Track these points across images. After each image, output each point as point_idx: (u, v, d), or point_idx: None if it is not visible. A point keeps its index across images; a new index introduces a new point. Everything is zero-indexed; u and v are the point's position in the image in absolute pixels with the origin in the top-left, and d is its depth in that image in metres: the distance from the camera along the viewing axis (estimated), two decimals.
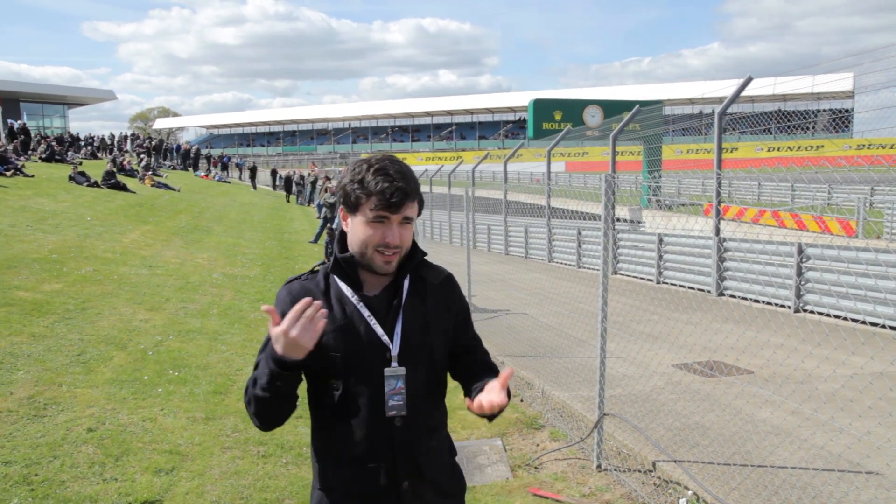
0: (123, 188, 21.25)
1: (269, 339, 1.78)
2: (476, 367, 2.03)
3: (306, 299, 1.68)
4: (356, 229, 1.85)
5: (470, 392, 1.94)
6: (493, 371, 2.02)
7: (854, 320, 8.15)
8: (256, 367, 1.84)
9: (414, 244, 1.94)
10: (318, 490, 1.94)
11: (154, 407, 5.53)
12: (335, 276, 1.91)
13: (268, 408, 1.80)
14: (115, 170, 22.79)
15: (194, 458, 4.67)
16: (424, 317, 1.93)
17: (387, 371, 1.85)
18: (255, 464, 4.68)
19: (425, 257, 1.99)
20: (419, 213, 1.94)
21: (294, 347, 1.67)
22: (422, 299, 1.94)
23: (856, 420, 5.04)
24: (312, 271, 1.95)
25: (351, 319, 1.85)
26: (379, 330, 1.86)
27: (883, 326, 7.63)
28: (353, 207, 1.84)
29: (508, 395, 1.80)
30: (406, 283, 1.94)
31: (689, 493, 4.17)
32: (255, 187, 37.07)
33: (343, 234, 1.92)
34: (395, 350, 1.86)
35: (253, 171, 38.36)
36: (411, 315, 1.91)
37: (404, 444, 1.87)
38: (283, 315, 1.75)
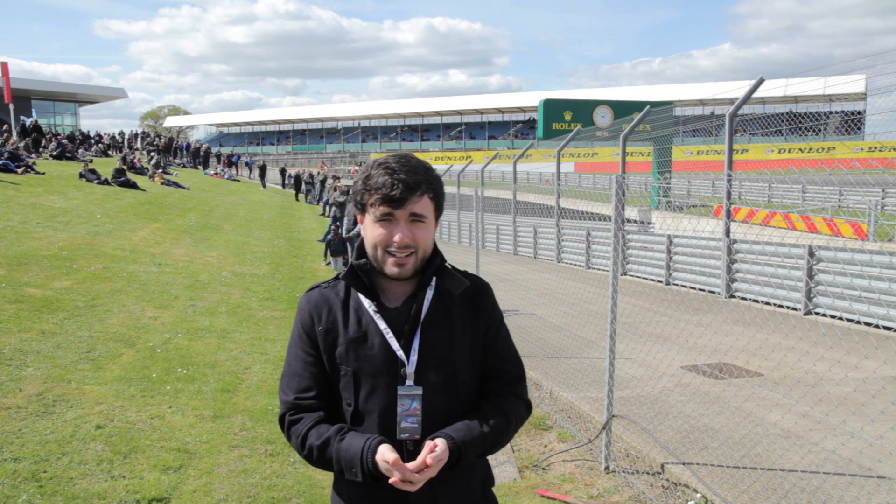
0: (133, 186, 21.35)
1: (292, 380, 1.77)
2: (485, 403, 1.82)
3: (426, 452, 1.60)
4: (366, 231, 1.74)
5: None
6: (502, 416, 1.79)
7: (867, 324, 8.07)
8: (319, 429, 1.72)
9: (435, 249, 1.79)
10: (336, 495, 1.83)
11: (162, 405, 5.55)
12: (352, 287, 1.79)
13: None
14: (125, 167, 22.91)
15: (202, 456, 4.68)
16: (449, 331, 1.75)
17: (400, 390, 1.70)
18: (262, 462, 4.68)
19: (446, 264, 1.81)
20: (438, 212, 1.78)
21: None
22: (448, 312, 1.77)
23: (867, 424, 5.00)
24: (336, 278, 1.83)
25: (366, 332, 1.72)
26: (395, 344, 1.71)
27: None
28: (361, 208, 1.74)
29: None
30: (430, 293, 1.78)
31: (698, 495, 4.14)
32: (264, 186, 37.18)
33: (362, 240, 1.80)
34: (410, 367, 1.70)
35: (263, 169, 38.46)
36: (433, 329, 1.74)
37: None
38: (303, 325, 1.77)
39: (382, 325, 1.72)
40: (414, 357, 1.71)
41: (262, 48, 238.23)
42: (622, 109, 24.12)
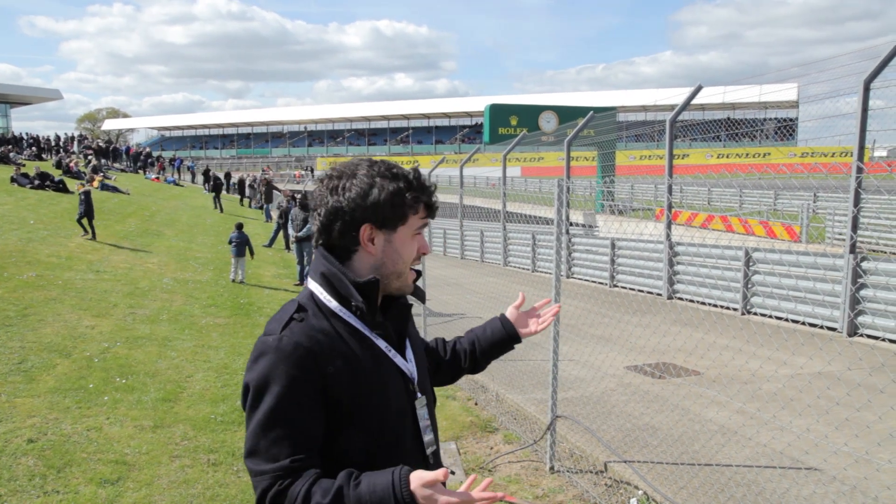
0: (62, 189, 20.59)
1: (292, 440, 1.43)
2: (445, 344, 1.95)
3: (487, 482, 1.36)
4: (398, 245, 1.54)
5: (486, 344, 1.93)
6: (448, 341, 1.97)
7: (794, 321, 8.43)
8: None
9: None
10: None
11: (100, 416, 5.38)
12: (339, 308, 1.53)
13: None
14: (47, 172, 22.10)
15: (141, 468, 4.56)
16: (414, 332, 1.73)
17: (417, 404, 1.61)
18: (205, 472, 4.59)
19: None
20: None
21: None
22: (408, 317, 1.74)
23: (796, 418, 5.22)
24: (300, 308, 1.52)
25: (372, 358, 1.53)
26: (399, 361, 1.59)
27: (821, 327, 7.92)
28: (397, 220, 1.53)
29: None
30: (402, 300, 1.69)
31: (640, 492, 4.25)
32: (207, 190, 36.37)
33: (349, 256, 1.56)
34: (416, 379, 1.63)
35: (206, 174, 37.63)
36: (411, 335, 1.69)
37: None
38: (302, 371, 1.43)
39: (383, 344, 1.57)
40: (413, 367, 1.63)
41: (202, 49, 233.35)
42: (567, 115, 24.53)
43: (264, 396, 1.43)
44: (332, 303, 1.53)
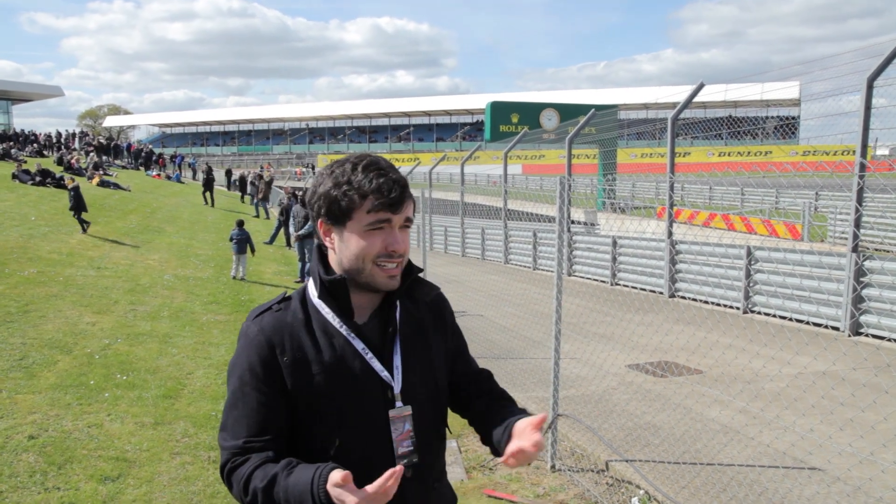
0: (64, 186, 20.56)
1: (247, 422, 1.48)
2: (490, 399, 1.74)
3: (388, 473, 1.32)
4: (349, 242, 1.51)
5: (489, 434, 1.65)
6: (509, 401, 1.74)
7: (799, 321, 8.40)
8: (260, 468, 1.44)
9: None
10: None
11: (100, 412, 5.38)
12: (320, 304, 1.56)
13: None
14: (48, 169, 22.06)
15: (142, 465, 4.55)
16: (424, 342, 1.65)
17: (392, 413, 1.55)
18: (205, 469, 4.58)
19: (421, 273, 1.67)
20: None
21: None
22: (417, 322, 1.66)
23: (800, 418, 5.19)
24: (285, 298, 1.59)
25: (342, 356, 1.52)
26: (377, 365, 1.55)
27: (826, 327, 7.89)
28: (342, 216, 1.51)
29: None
30: (398, 304, 1.64)
31: (641, 492, 4.23)
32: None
33: (323, 253, 1.60)
34: (397, 387, 1.56)
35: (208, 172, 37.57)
36: (409, 342, 1.62)
37: (418, 498, 1.57)
38: (260, 357, 1.49)
39: (360, 345, 1.54)
40: (398, 376, 1.57)
41: (202, 46, 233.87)
42: (568, 112, 24.49)
43: (231, 378, 1.53)
44: (315, 298, 1.58)
